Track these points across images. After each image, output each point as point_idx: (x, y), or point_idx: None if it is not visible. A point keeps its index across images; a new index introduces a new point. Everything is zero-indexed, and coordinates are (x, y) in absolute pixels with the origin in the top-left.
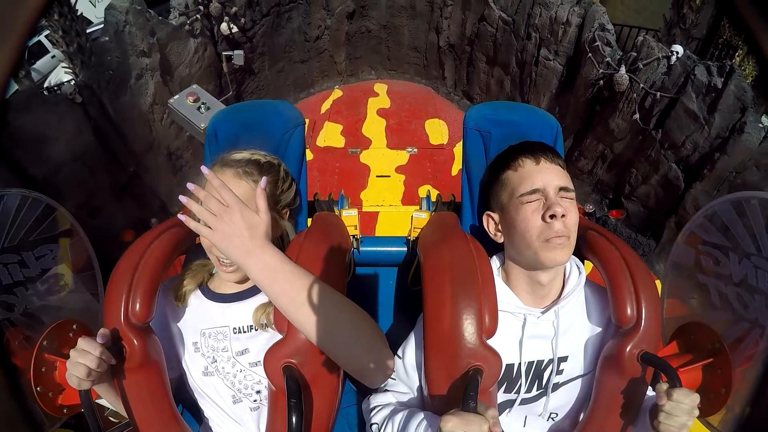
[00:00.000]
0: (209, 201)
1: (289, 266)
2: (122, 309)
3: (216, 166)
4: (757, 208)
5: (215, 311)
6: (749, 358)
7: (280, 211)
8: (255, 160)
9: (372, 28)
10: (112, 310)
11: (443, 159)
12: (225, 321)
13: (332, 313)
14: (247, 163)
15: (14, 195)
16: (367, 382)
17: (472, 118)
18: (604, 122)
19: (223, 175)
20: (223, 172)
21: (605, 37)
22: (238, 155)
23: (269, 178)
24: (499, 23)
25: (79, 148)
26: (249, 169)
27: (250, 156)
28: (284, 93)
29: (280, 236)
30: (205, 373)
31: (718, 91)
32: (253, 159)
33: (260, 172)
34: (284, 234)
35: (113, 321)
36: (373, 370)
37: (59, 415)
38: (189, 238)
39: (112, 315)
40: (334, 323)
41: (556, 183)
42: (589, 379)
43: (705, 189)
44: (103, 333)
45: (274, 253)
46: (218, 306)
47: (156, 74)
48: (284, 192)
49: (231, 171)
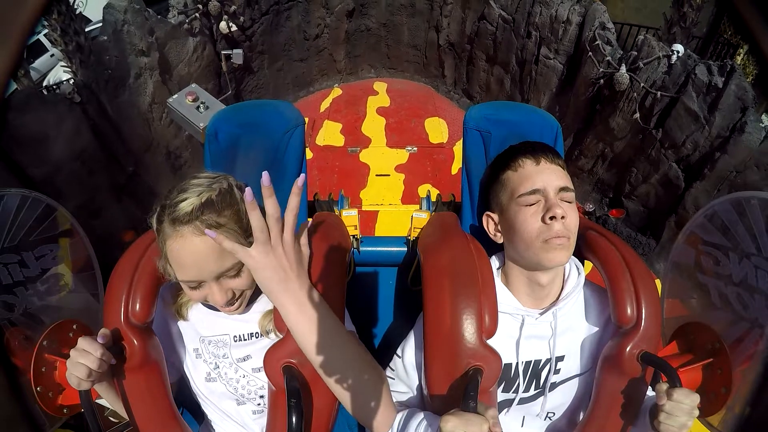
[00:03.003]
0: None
1: (321, 309)
2: (122, 309)
3: (168, 226)
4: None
5: (214, 319)
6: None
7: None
8: (207, 202)
9: (371, 27)
10: (112, 310)
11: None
12: (224, 329)
13: (350, 366)
14: (202, 209)
15: (14, 195)
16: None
17: (472, 118)
18: (605, 121)
19: (183, 238)
20: (180, 234)
21: (606, 36)
22: (187, 205)
23: (230, 212)
24: (499, 21)
25: (78, 147)
26: (206, 217)
27: (199, 200)
28: (283, 92)
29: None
30: (207, 379)
31: (718, 90)
32: (204, 202)
33: (219, 213)
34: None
35: (113, 321)
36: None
37: (59, 415)
38: None
39: (112, 315)
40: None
41: (556, 183)
42: (586, 379)
43: (705, 188)
44: (103, 333)
45: (310, 292)
46: (216, 315)
47: (155, 73)
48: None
49: (188, 229)
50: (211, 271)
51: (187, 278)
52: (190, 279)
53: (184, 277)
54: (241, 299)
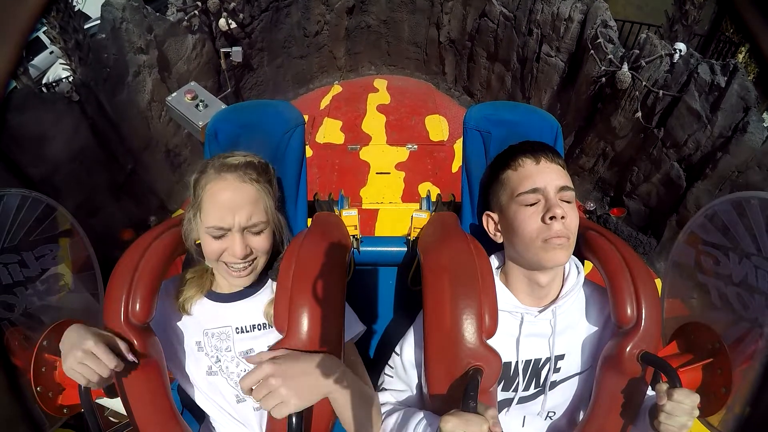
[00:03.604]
0: (262, 389)
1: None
2: (122, 309)
3: (213, 173)
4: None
5: (217, 311)
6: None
7: (280, 208)
8: (250, 162)
9: (372, 24)
10: (112, 310)
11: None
12: (227, 321)
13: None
14: (246, 166)
15: (14, 195)
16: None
17: (472, 117)
18: (606, 120)
19: (226, 181)
20: (224, 178)
21: (607, 34)
22: (234, 159)
23: (267, 177)
24: (500, 19)
25: (77, 146)
26: (249, 172)
27: (245, 159)
28: (283, 89)
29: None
30: (208, 373)
31: (721, 89)
32: (248, 161)
33: (258, 174)
34: (285, 229)
35: (113, 321)
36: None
37: (59, 415)
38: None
39: (112, 315)
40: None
41: (556, 183)
42: (585, 377)
43: (707, 188)
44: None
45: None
46: (219, 306)
47: (154, 71)
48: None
49: (233, 175)
50: (241, 219)
51: (216, 223)
52: (219, 224)
53: (214, 221)
54: (254, 265)
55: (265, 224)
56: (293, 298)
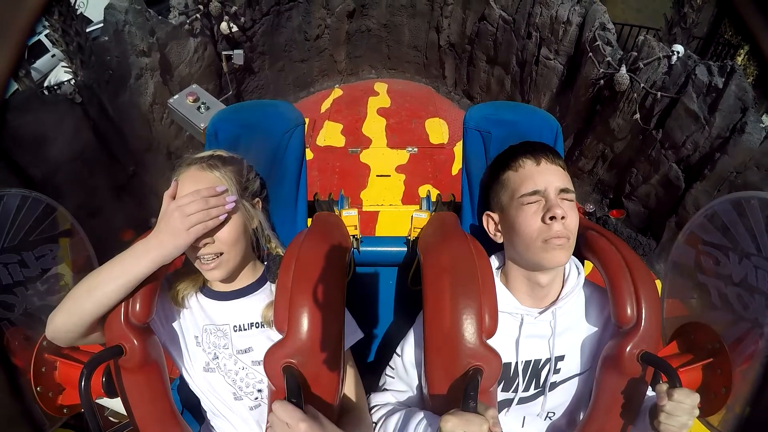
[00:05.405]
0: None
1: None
2: (122, 309)
3: (182, 168)
4: (756, 208)
5: (215, 309)
6: (749, 358)
7: (251, 200)
8: (218, 156)
9: (372, 27)
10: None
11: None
12: (225, 319)
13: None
14: (210, 157)
15: (14, 195)
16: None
17: (472, 118)
18: (605, 122)
19: (188, 172)
20: (188, 170)
21: (606, 37)
22: (203, 153)
23: (233, 168)
24: (499, 22)
25: (79, 147)
26: (213, 162)
27: (213, 153)
28: (284, 92)
29: (254, 228)
30: (206, 369)
31: (718, 90)
32: (215, 155)
33: (223, 163)
34: (259, 225)
35: (113, 321)
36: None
37: (59, 415)
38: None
39: (112, 315)
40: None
41: (556, 184)
42: (585, 378)
43: (705, 189)
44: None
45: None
46: (218, 304)
47: (156, 74)
48: (249, 180)
49: (195, 166)
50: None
51: None
52: None
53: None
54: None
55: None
56: (293, 297)
